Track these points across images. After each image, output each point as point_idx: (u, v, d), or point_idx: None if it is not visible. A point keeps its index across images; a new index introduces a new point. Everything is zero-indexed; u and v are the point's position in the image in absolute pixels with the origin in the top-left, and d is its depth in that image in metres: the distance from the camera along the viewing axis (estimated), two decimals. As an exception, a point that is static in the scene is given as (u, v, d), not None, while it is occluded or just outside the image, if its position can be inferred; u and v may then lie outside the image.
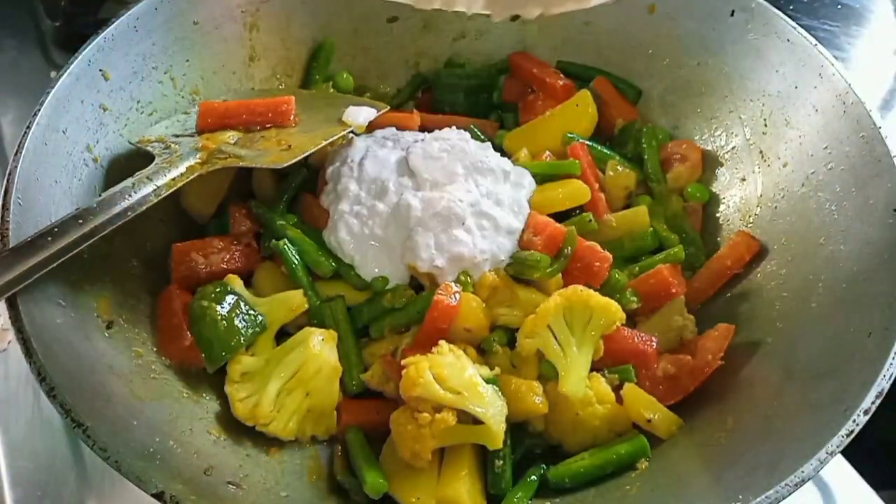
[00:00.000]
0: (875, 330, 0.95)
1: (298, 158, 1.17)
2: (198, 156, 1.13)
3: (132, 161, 1.18)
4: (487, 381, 1.02)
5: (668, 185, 1.34)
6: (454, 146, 1.25)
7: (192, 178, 1.09)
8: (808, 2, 1.94)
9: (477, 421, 1.00)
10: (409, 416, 1.00)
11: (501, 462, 1.03)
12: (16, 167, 0.98)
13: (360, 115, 1.27)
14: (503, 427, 1.00)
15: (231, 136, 1.19)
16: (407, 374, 0.99)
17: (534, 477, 1.04)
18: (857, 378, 0.91)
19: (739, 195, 1.30)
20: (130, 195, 1.02)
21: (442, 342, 1.04)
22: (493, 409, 1.00)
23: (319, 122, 1.26)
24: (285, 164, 1.16)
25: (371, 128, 1.31)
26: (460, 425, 1.00)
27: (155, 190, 1.05)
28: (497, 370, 1.06)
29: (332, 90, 1.43)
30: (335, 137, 1.24)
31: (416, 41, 1.49)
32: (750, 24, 1.27)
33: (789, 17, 1.24)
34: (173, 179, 1.07)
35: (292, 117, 1.23)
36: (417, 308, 1.13)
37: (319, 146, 1.20)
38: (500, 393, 1.03)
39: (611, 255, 1.16)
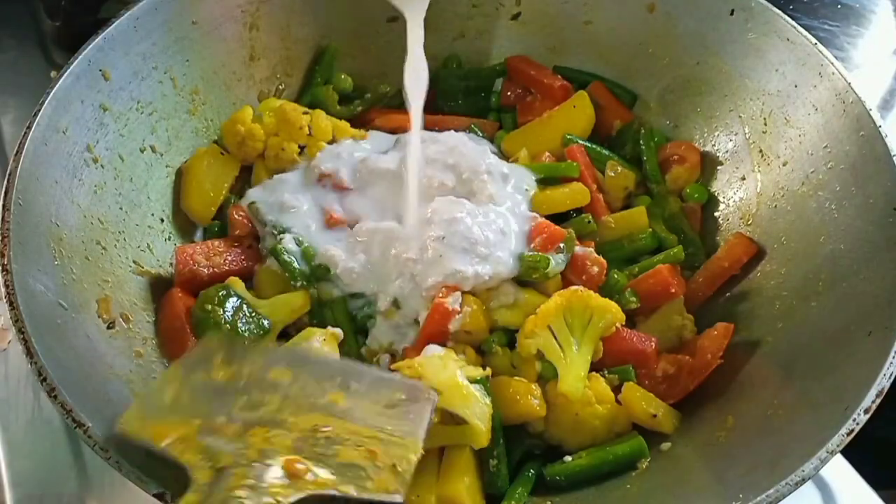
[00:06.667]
0: (875, 329, 0.95)
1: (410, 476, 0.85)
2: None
3: (133, 161, 1.18)
4: (474, 382, 1.01)
5: (666, 185, 1.34)
6: (452, 149, 1.25)
7: None
8: (808, 2, 1.94)
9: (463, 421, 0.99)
10: (392, 415, 1.00)
11: (496, 462, 1.02)
12: (16, 167, 0.98)
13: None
14: (487, 426, 0.99)
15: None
16: None
17: (531, 471, 1.04)
18: (857, 377, 0.91)
19: (739, 194, 1.30)
20: None
21: (429, 344, 1.05)
22: (476, 409, 0.98)
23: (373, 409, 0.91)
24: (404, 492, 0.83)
25: (375, 129, 1.31)
26: (443, 426, 0.99)
27: None
28: (488, 371, 1.05)
29: None
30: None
31: (415, 41, 1.49)
32: (749, 23, 1.27)
33: (789, 16, 1.24)
34: None
35: None
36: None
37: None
38: (486, 393, 1.02)
39: (605, 261, 1.16)
